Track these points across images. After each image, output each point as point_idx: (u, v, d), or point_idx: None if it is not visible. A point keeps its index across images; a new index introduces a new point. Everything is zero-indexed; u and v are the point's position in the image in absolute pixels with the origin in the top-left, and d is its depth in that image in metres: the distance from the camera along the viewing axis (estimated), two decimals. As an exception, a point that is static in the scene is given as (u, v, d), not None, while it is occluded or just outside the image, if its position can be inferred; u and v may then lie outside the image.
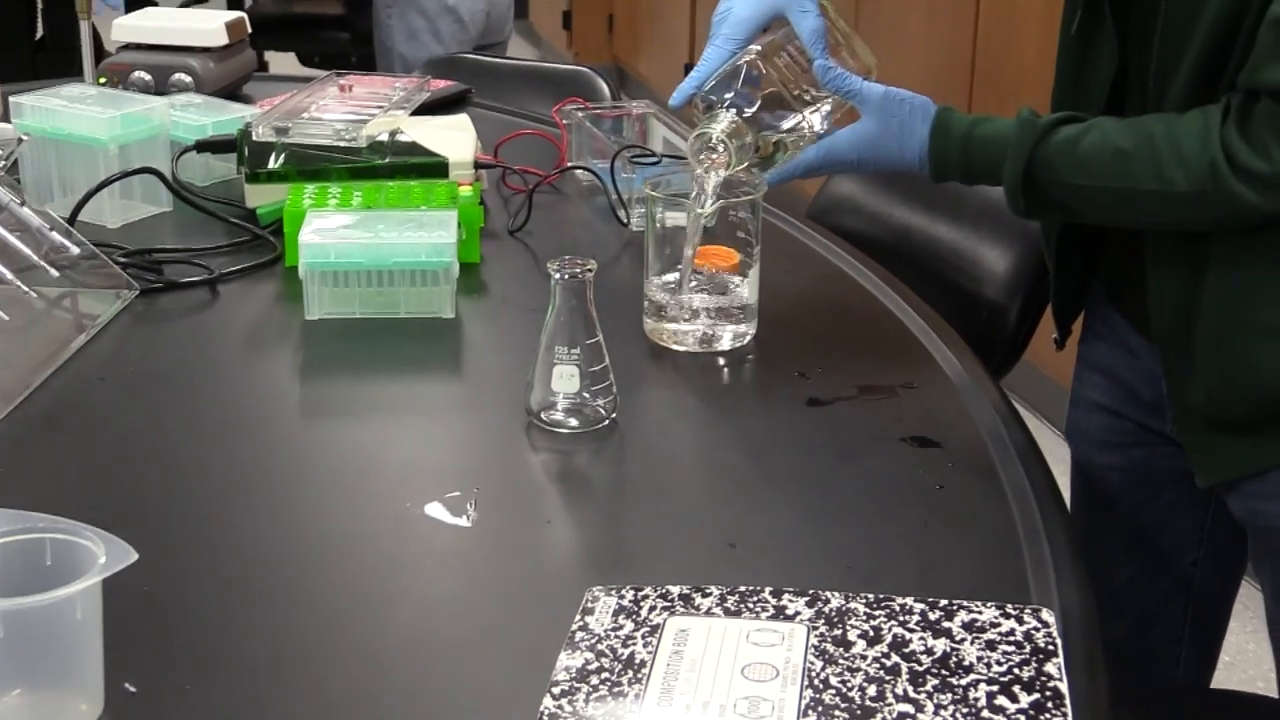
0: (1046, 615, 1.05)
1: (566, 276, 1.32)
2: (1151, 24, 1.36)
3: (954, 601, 1.06)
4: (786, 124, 1.45)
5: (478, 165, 1.88)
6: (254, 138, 1.84)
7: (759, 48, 1.45)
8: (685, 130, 1.90)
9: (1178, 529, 1.63)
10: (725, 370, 1.49)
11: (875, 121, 1.44)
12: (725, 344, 1.51)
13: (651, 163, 1.83)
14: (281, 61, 4.89)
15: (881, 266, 1.76)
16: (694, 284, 1.49)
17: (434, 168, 1.85)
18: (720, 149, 1.41)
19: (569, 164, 1.98)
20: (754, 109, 1.42)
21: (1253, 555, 1.54)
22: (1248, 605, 1.92)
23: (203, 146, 1.94)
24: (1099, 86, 1.44)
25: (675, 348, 1.51)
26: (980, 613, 1.05)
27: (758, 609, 1.06)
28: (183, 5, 4.60)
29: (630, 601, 1.07)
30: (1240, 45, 1.27)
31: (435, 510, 1.21)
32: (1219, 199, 1.28)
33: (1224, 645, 1.73)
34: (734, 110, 1.42)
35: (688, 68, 1.60)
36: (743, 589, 1.08)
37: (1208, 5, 1.28)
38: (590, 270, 1.32)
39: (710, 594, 1.08)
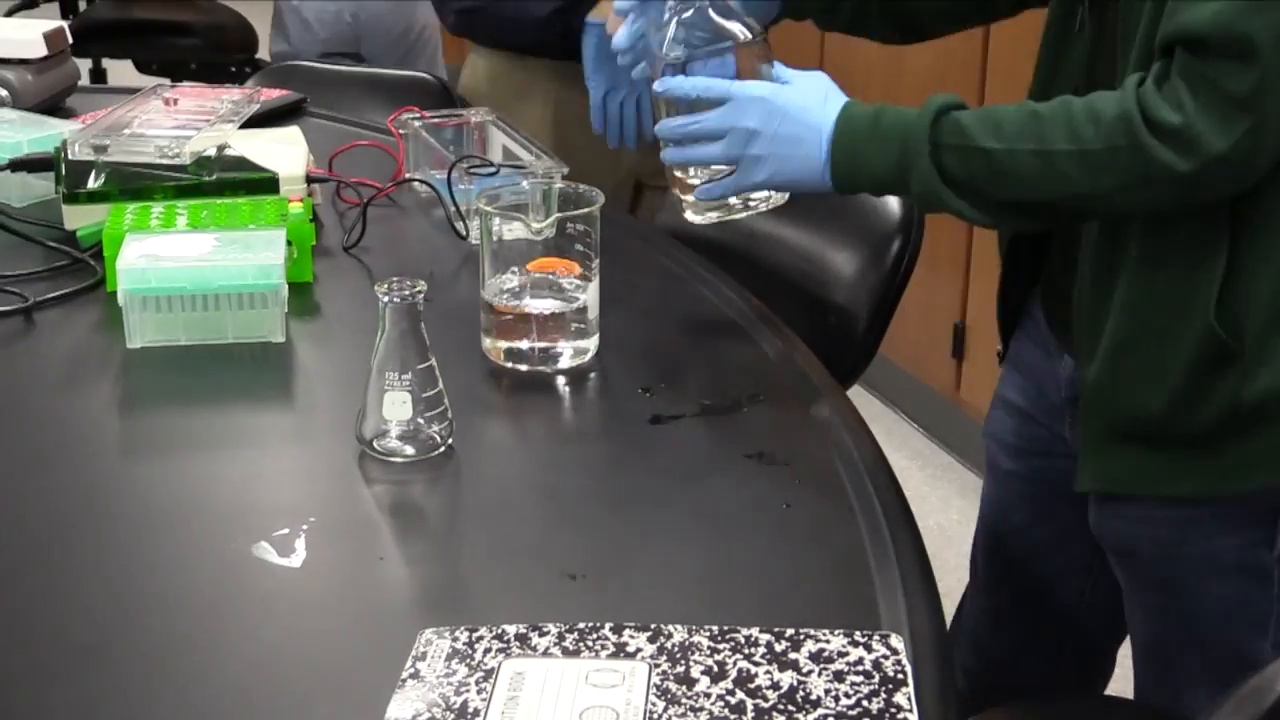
0: (896, 642, 1.02)
1: (396, 299, 1.27)
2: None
3: (800, 631, 1.03)
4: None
5: (310, 179, 1.81)
6: (72, 155, 1.75)
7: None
8: (524, 140, 1.86)
9: (1069, 552, 1.61)
10: (566, 389, 1.45)
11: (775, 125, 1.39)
12: (565, 361, 1.46)
13: (489, 173, 1.78)
14: (120, 70, 4.75)
15: (727, 273, 1.73)
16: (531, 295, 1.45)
17: (264, 183, 1.78)
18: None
19: (405, 176, 1.92)
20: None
21: (1124, 588, 1.52)
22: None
23: (17, 165, 1.85)
24: (1074, 77, 1.40)
25: (514, 366, 1.46)
26: (828, 642, 1.02)
27: (597, 647, 1.01)
28: (9, 13, 4.44)
29: (464, 644, 1.02)
30: None
31: (262, 550, 1.15)
32: (1133, 156, 1.23)
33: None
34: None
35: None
36: (582, 626, 1.03)
37: None
38: (420, 292, 1.27)
39: (548, 632, 1.03)
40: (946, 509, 3.16)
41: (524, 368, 1.46)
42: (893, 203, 1.86)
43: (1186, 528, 1.40)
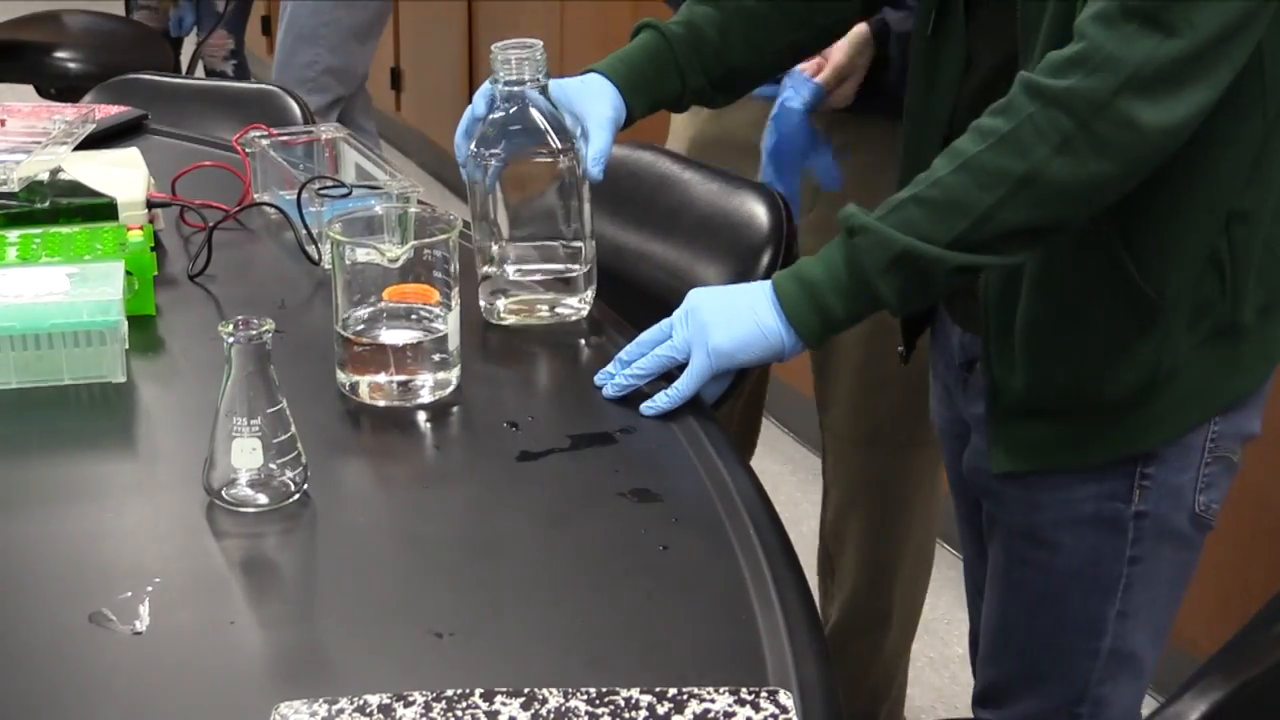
0: (784, 699, 0.96)
1: (242, 340, 1.19)
2: (1006, 20, 1.31)
3: (684, 690, 0.97)
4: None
5: (151, 204, 1.72)
6: (-109, 185, 1.65)
7: None
8: (377, 159, 1.78)
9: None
10: (428, 425, 1.37)
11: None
12: (426, 396, 1.39)
13: (342, 194, 1.69)
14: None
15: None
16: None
17: (101, 210, 1.69)
18: None
19: (252, 198, 1.83)
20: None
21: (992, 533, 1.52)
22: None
23: None
24: (948, 87, 1.40)
25: (372, 402, 1.38)
26: (713, 701, 0.96)
27: (466, 717, 0.95)
28: None
29: (323, 718, 0.95)
30: None
31: (101, 618, 1.07)
32: (1051, 108, 1.19)
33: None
34: None
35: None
36: (450, 693, 0.97)
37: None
38: (268, 331, 1.19)
39: (414, 702, 0.96)
40: (818, 514, 3.13)
41: (382, 403, 1.38)
42: (761, 214, 1.80)
43: (1046, 477, 1.41)
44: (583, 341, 1.54)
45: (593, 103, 1.49)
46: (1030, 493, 1.44)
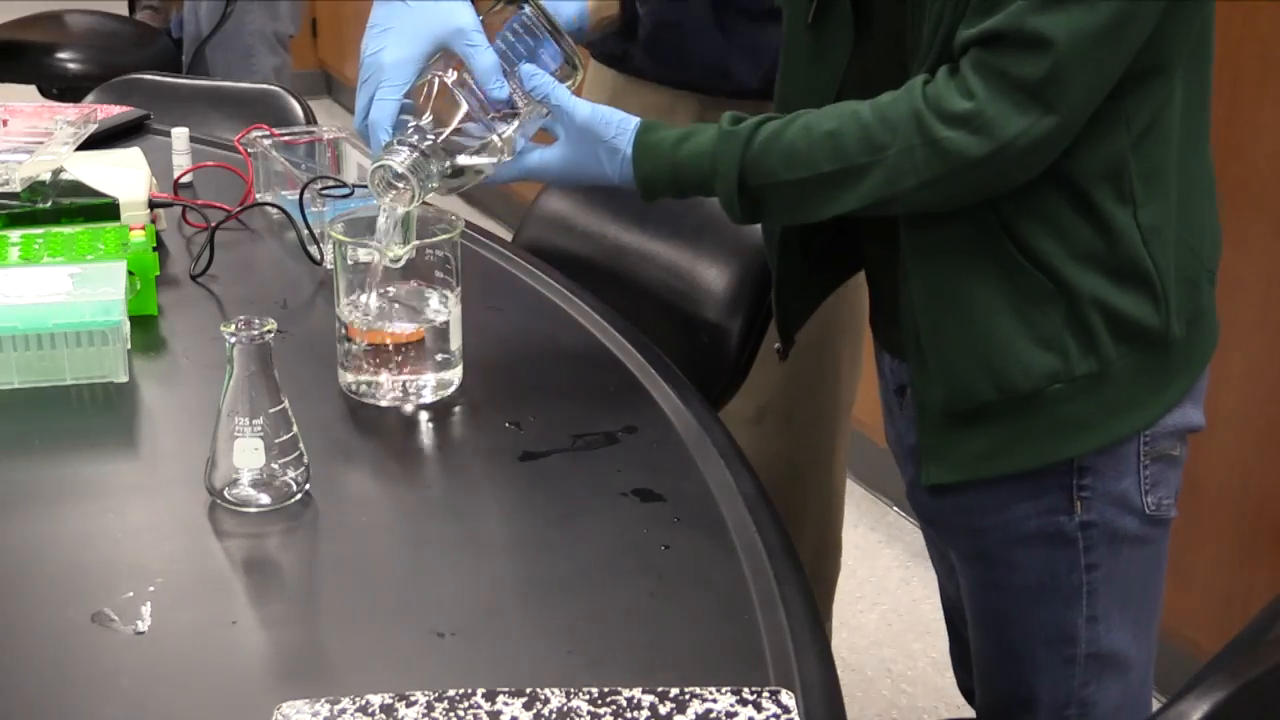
0: (786, 698, 0.96)
1: (244, 340, 1.19)
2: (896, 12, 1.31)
3: (686, 690, 0.97)
4: (476, 147, 1.34)
5: (153, 204, 1.72)
6: (-107, 185, 1.65)
7: (440, 73, 1.33)
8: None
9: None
10: (430, 425, 1.37)
11: (575, 146, 1.35)
12: (428, 395, 1.39)
13: (344, 194, 1.69)
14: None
15: (595, 294, 1.66)
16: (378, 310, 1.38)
17: (103, 210, 1.69)
18: (402, 185, 1.29)
19: (254, 198, 1.83)
20: (440, 136, 1.31)
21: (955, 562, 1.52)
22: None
23: None
24: (829, 77, 1.38)
25: (374, 402, 1.38)
26: (715, 701, 0.96)
27: (469, 717, 0.95)
28: None
29: (325, 718, 0.95)
30: None
31: (104, 618, 1.07)
32: (931, 151, 1.23)
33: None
34: (416, 137, 1.30)
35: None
36: (452, 693, 0.97)
37: None
38: (270, 331, 1.19)
39: (416, 702, 0.96)
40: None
41: (384, 403, 1.38)
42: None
43: (983, 497, 1.40)
44: (584, 342, 1.54)
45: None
46: (970, 517, 1.43)
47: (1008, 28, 1.20)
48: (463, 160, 1.34)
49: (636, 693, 0.96)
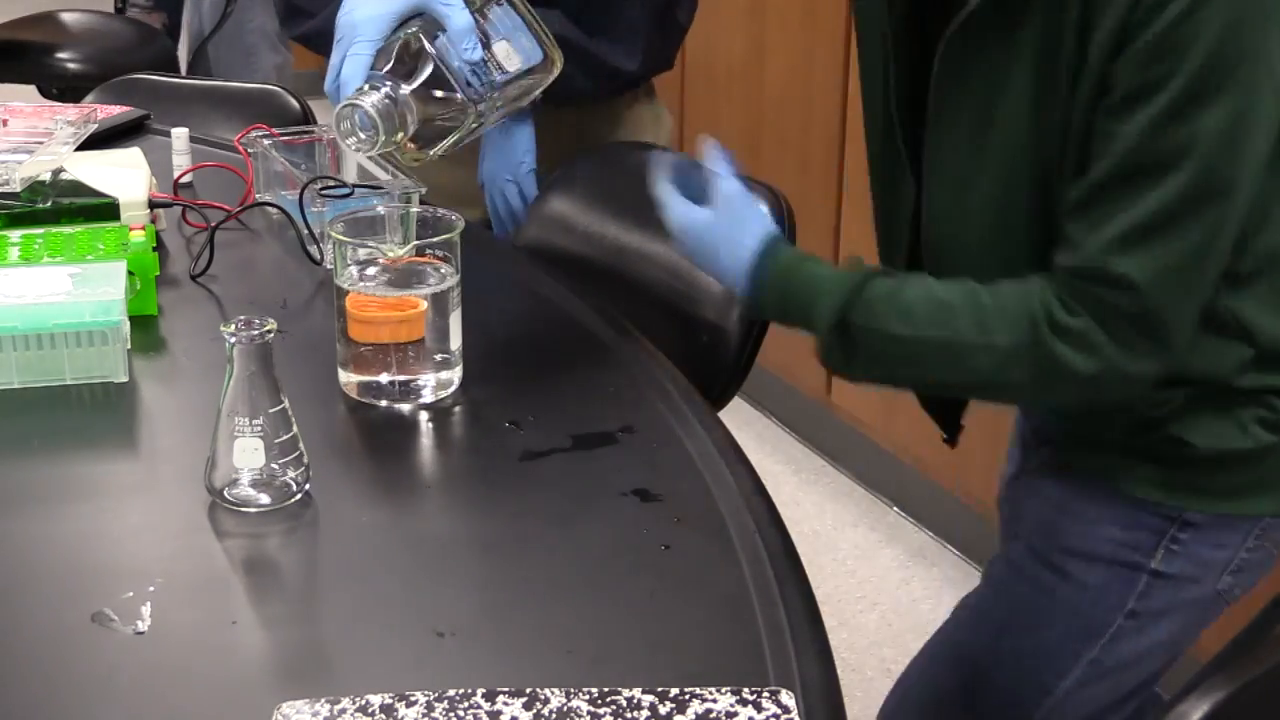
0: (786, 698, 0.96)
1: (244, 340, 1.19)
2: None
3: (686, 690, 0.97)
4: (448, 114, 1.34)
5: (153, 204, 1.72)
6: (-107, 185, 1.65)
7: (413, 29, 1.33)
8: (379, 159, 1.78)
9: None
10: (430, 425, 1.37)
11: (713, 217, 1.38)
12: (428, 396, 1.39)
13: (344, 194, 1.69)
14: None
15: (595, 294, 1.66)
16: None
17: (103, 210, 1.69)
18: (367, 131, 1.30)
19: (254, 198, 1.83)
20: (411, 87, 1.31)
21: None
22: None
23: None
24: (903, 217, 1.40)
25: (373, 402, 1.38)
26: (715, 701, 0.96)
27: (469, 717, 0.95)
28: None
29: (325, 718, 0.95)
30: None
31: (103, 618, 1.07)
32: (1041, 356, 1.23)
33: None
34: (389, 85, 1.30)
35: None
36: (452, 693, 0.96)
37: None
38: (270, 331, 1.19)
39: (416, 702, 0.96)
40: (821, 514, 3.13)
41: (384, 404, 1.38)
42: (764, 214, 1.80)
43: (1084, 497, 1.40)
44: (584, 342, 1.54)
45: None
46: (1059, 512, 1.42)
47: (1093, 268, 1.20)
48: (437, 118, 1.34)
49: (636, 693, 0.96)
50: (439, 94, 1.33)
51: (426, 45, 1.32)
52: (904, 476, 3.06)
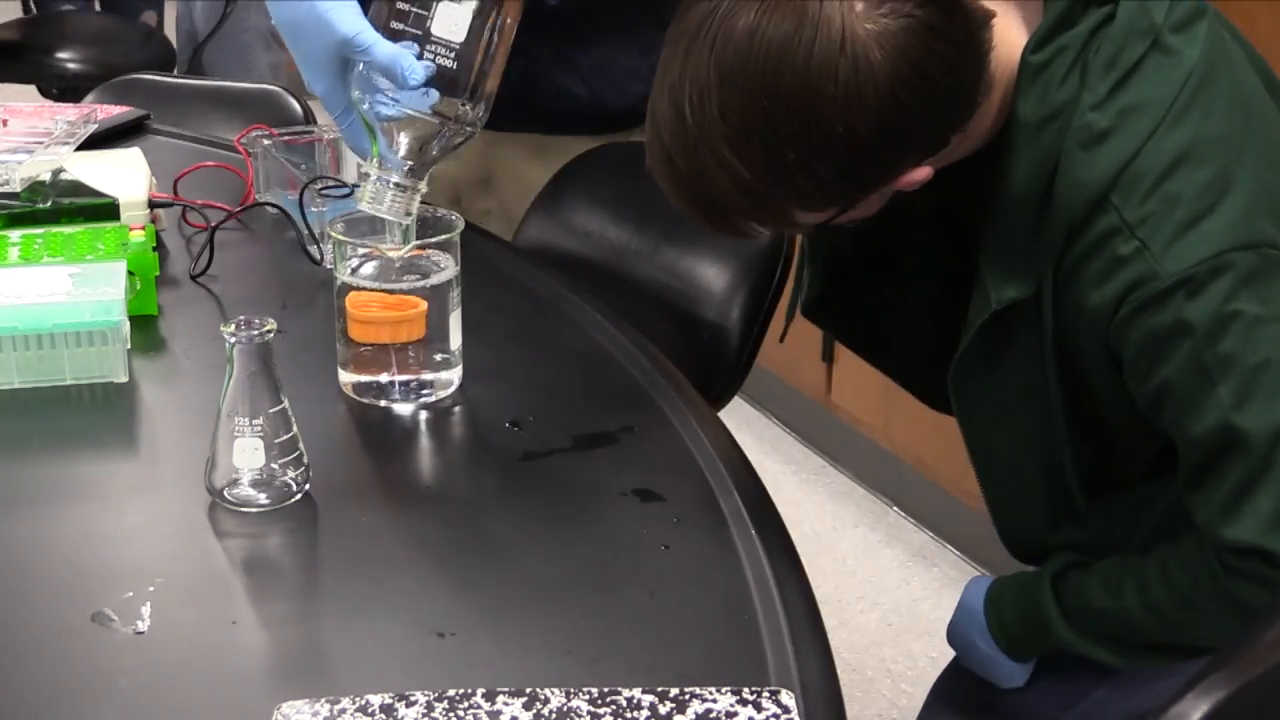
0: (786, 699, 0.96)
1: (244, 340, 1.19)
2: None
3: (685, 690, 0.97)
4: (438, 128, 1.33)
5: (153, 204, 1.72)
6: (-107, 185, 1.65)
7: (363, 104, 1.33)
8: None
9: None
10: (430, 425, 1.37)
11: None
12: (428, 396, 1.39)
13: (344, 194, 1.69)
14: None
15: (595, 294, 1.66)
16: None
17: (103, 210, 1.69)
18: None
19: (254, 198, 1.83)
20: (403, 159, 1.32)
21: None
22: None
23: None
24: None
25: (373, 402, 1.38)
26: (715, 701, 0.96)
27: (468, 717, 0.95)
28: None
29: (325, 717, 0.95)
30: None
31: (103, 618, 1.07)
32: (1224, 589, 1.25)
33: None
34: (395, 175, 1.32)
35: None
36: (452, 693, 0.97)
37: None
38: (270, 331, 1.19)
39: (415, 702, 0.96)
40: (821, 514, 3.13)
41: (384, 404, 1.38)
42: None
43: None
44: (584, 342, 1.54)
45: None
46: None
47: (1260, 547, 1.21)
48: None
49: (636, 693, 0.97)
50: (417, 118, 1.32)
51: (377, 121, 1.32)
52: (904, 476, 3.06)
